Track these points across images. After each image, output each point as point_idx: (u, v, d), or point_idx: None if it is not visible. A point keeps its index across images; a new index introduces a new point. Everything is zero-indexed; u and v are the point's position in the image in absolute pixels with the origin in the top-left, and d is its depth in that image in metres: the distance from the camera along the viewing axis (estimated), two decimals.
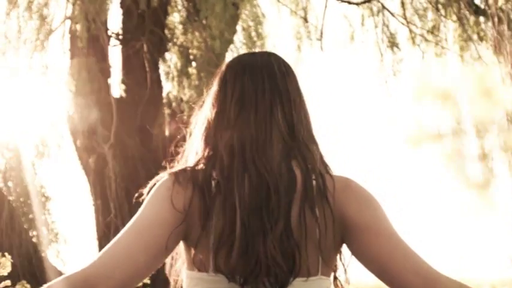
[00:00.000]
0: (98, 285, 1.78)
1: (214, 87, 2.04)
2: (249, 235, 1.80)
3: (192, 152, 2.00)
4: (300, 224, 1.83)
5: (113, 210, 11.00)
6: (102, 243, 11.38)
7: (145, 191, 1.96)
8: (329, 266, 1.93)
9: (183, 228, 1.87)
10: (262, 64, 2.01)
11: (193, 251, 1.88)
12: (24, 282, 6.90)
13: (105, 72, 11.48)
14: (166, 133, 11.93)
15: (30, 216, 12.79)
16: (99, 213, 11.44)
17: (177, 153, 2.09)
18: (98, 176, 11.31)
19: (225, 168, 1.87)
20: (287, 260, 1.81)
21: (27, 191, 12.72)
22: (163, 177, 1.96)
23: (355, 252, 1.94)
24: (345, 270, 1.98)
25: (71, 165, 12.58)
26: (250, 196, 1.83)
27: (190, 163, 1.97)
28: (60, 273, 12.21)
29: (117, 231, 10.80)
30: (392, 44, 12.22)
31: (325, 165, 1.98)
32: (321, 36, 9.44)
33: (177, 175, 1.91)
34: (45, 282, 6.67)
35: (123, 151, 11.19)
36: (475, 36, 11.83)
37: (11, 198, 12.35)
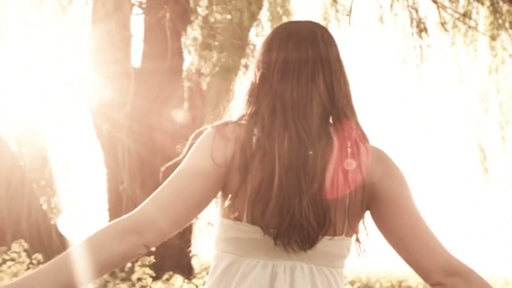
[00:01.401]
0: (145, 230, 1.92)
1: (260, 51, 2.13)
2: (285, 192, 1.91)
3: (236, 111, 2.09)
4: (333, 188, 1.94)
5: (125, 180, 10.91)
6: (112, 213, 11.32)
7: (188, 141, 2.08)
8: (353, 228, 2.05)
9: (223, 179, 1.98)
10: (306, 33, 2.09)
11: (230, 201, 1.98)
12: (22, 240, 6.84)
13: (126, 41, 11.36)
14: (185, 105, 11.83)
15: (43, 183, 12.79)
16: (111, 182, 11.37)
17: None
18: (112, 145, 11.24)
19: (266, 126, 1.97)
20: (318, 219, 1.93)
21: (41, 157, 12.70)
22: (207, 128, 2.06)
23: (377, 221, 2.05)
24: (367, 233, 2.08)
25: (86, 133, 12.57)
26: (289, 155, 1.93)
27: (234, 119, 2.06)
28: (68, 243, 12.23)
29: (128, 202, 10.85)
30: (421, 29, 12.02)
31: (362, 134, 2.07)
32: (350, 12, 9.26)
33: (219, 128, 2.00)
34: (52, 251, 6.55)
35: (139, 121, 11.10)
36: (507, 25, 11.64)
37: (22, 163, 12.31)
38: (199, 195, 1.97)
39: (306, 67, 2.04)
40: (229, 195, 1.99)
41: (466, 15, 11.60)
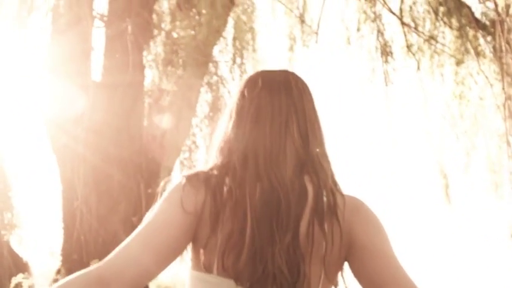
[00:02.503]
0: (111, 283, 1.87)
1: (233, 99, 2.13)
2: (258, 242, 1.89)
3: (209, 159, 2.08)
4: (308, 238, 1.92)
5: (80, 197, 10.72)
6: (67, 231, 11.09)
7: (159, 189, 2.09)
8: (331, 280, 2.00)
9: (193, 229, 1.96)
10: (280, 80, 2.10)
11: (200, 252, 1.96)
12: None
13: (86, 54, 11.18)
14: (145, 123, 11.67)
15: None
16: (66, 199, 11.15)
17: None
18: (68, 160, 11.04)
19: (237, 176, 1.95)
20: (292, 270, 1.89)
21: None
22: (171, 180, 1.93)
23: (355, 271, 2.01)
24: (345, 286, 2.04)
25: (43, 147, 12.33)
26: (261, 205, 1.91)
27: (205, 168, 2.05)
28: (21, 260, 11.97)
29: (82, 219, 10.61)
30: (387, 52, 12.00)
31: (335, 184, 2.05)
32: (317, 29, 9.21)
33: (189, 178, 2.00)
34: (3, 268, 6.29)
35: (97, 137, 10.91)
36: (473, 51, 11.67)
37: None
38: (168, 246, 1.94)
39: (279, 115, 2.03)
40: (199, 246, 1.97)
41: (432, 38, 11.60)
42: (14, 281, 6.16)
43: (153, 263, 1.94)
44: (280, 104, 2.05)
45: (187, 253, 2.04)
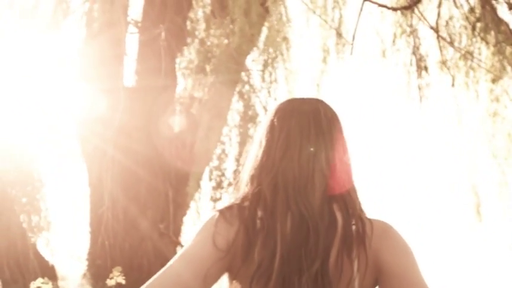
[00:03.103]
0: None
1: (263, 126, 2.19)
2: (286, 271, 1.96)
3: (240, 186, 2.16)
4: (337, 267, 1.97)
5: (107, 202, 10.73)
6: (93, 236, 11.11)
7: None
8: None
9: (226, 263, 2.04)
10: (309, 109, 2.14)
11: (234, 282, 2.05)
12: None
13: (119, 58, 11.22)
14: (175, 130, 11.66)
15: (23, 200, 12.55)
16: (94, 204, 11.18)
17: None
18: (96, 165, 11.07)
19: (268, 206, 2.02)
20: None
21: (24, 173, 12.48)
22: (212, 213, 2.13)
23: None
24: None
25: (73, 151, 12.36)
26: (291, 234, 1.98)
27: (237, 199, 2.13)
28: (47, 263, 11.98)
29: (108, 225, 10.63)
30: (421, 67, 11.90)
31: (362, 211, 2.12)
32: (353, 40, 9.14)
33: (223, 212, 2.08)
34: (28, 271, 6.31)
35: (126, 142, 10.93)
36: (509, 68, 11.54)
37: (4, 178, 12.09)
38: (199, 281, 2.00)
39: (307, 144, 2.08)
40: (232, 276, 2.06)
41: (469, 53, 11.49)
42: (33, 286, 6.15)
43: None
44: (309, 133, 2.10)
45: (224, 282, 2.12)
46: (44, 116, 12.49)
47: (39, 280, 6.10)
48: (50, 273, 11.39)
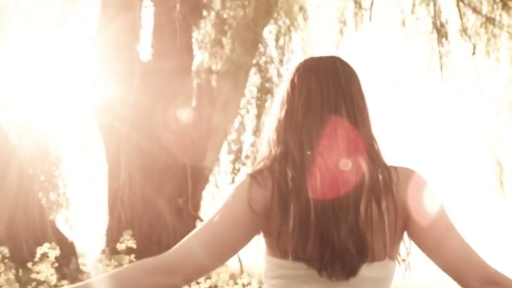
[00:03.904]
0: (176, 271, 2.05)
1: (283, 88, 2.23)
2: (323, 225, 2.03)
3: (266, 149, 2.19)
4: (367, 215, 2.05)
5: (124, 178, 10.67)
6: (112, 212, 11.07)
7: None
8: (394, 251, 2.14)
9: (262, 224, 2.11)
10: (327, 67, 2.19)
11: (274, 240, 2.09)
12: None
13: (135, 34, 11.10)
14: (193, 104, 11.56)
15: (42, 177, 12.54)
16: (112, 180, 11.14)
17: None
18: (114, 141, 11.00)
19: (297, 165, 2.08)
20: (357, 247, 2.03)
21: (41, 150, 12.46)
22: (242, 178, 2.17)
23: (414, 239, 2.14)
24: (408, 253, 2.16)
25: (90, 128, 12.34)
26: (322, 189, 2.03)
27: (265, 161, 2.17)
28: (66, 239, 11.98)
29: (124, 200, 10.58)
30: (442, 35, 11.70)
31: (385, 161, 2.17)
32: (371, 7, 8.96)
33: (255, 177, 2.12)
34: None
35: (142, 117, 10.85)
36: None
37: (22, 156, 12.06)
38: (234, 241, 2.11)
39: (328, 101, 2.14)
40: (273, 236, 2.10)
41: (490, 19, 11.26)
42: (40, 251, 6.04)
43: (216, 256, 2.10)
44: (328, 90, 2.15)
45: (262, 240, 2.18)
46: (60, 94, 12.46)
47: (46, 245, 6.00)
48: (69, 250, 11.37)
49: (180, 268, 2.07)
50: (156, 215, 11.00)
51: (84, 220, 12.92)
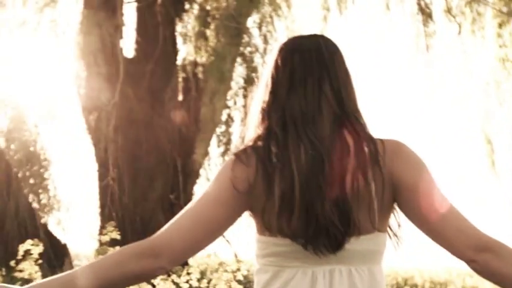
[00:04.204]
0: (162, 253, 2.06)
1: (268, 67, 2.22)
2: (307, 199, 2.01)
3: (251, 129, 2.19)
4: (353, 188, 2.01)
5: (113, 176, 10.57)
6: (103, 211, 10.96)
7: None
8: (384, 224, 2.11)
9: (246, 205, 2.11)
10: (311, 45, 2.18)
11: (260, 217, 2.08)
12: None
13: (117, 29, 10.98)
14: (180, 98, 11.46)
15: (31, 181, 12.43)
16: (102, 178, 11.03)
17: None
18: (101, 139, 10.90)
19: (280, 141, 2.07)
20: (342, 221, 2.00)
21: (30, 153, 12.35)
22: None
23: (403, 210, 2.10)
24: (399, 225, 2.12)
25: (78, 128, 12.23)
26: (307, 164, 2.02)
27: (250, 141, 2.16)
28: (59, 242, 11.86)
29: (114, 198, 10.48)
30: (427, 15, 11.62)
31: (371, 134, 2.14)
32: None
33: (238, 156, 2.11)
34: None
35: (129, 112, 10.74)
36: None
37: (9, 159, 11.95)
38: (218, 222, 2.10)
39: (311, 77, 2.13)
40: (259, 213, 2.09)
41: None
42: (22, 248, 5.91)
43: (201, 237, 2.09)
44: (312, 67, 2.14)
45: (251, 220, 2.17)
46: (46, 95, 12.35)
47: (29, 242, 5.87)
48: (62, 251, 11.27)
49: (167, 250, 2.07)
50: (148, 212, 10.92)
51: (77, 221, 12.82)
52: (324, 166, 2.03)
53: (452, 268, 16.94)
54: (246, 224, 2.18)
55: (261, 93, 2.22)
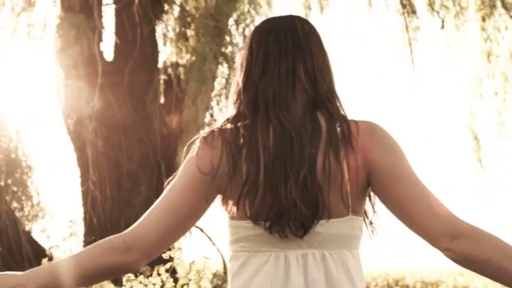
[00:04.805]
0: (134, 246, 2.05)
1: (243, 51, 2.22)
2: (272, 181, 1.98)
3: (226, 114, 2.18)
4: (324, 170, 1.99)
5: (95, 180, 10.44)
6: (87, 217, 10.84)
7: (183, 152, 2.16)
8: (360, 206, 2.07)
9: (215, 186, 2.07)
10: (286, 25, 2.17)
11: (227, 202, 2.07)
12: None
13: (95, 32, 10.84)
14: (162, 100, 11.33)
15: (14, 188, 12.26)
16: (84, 184, 10.91)
17: None
18: (83, 144, 10.76)
19: (249, 123, 2.06)
20: (309, 204, 1.97)
21: (11, 160, 12.18)
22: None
23: (378, 194, 2.07)
24: (374, 211, 2.11)
25: (58, 132, 12.10)
26: (274, 146, 2.01)
27: (219, 123, 2.15)
28: (42, 249, 11.68)
29: (96, 202, 10.34)
30: (409, 11, 11.53)
31: (345, 115, 2.12)
32: None
33: (205, 138, 2.10)
34: (22, 257, 5.96)
35: (109, 116, 10.61)
36: (498, 3, 11.17)
37: None
38: (188, 208, 2.08)
39: (286, 59, 2.11)
40: (226, 197, 2.08)
41: None
42: None
43: (173, 226, 2.07)
44: (286, 48, 2.12)
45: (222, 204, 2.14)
46: (26, 101, 12.21)
47: None
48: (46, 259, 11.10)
49: (139, 242, 2.06)
50: (132, 217, 10.77)
51: (61, 228, 12.64)
52: (293, 147, 2.01)
53: (443, 268, 16.90)
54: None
55: (236, 76, 2.20)
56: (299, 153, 2.00)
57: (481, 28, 11.46)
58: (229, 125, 2.11)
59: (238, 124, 2.08)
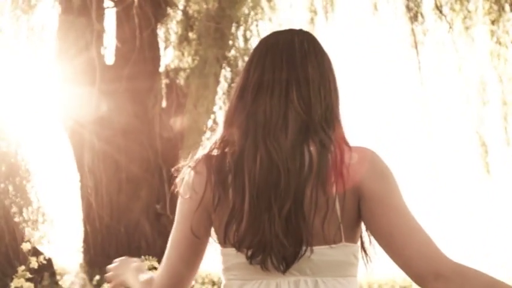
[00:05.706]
0: None
1: (242, 72, 2.17)
2: (256, 212, 1.95)
3: (217, 132, 2.13)
4: (311, 202, 1.95)
5: (90, 182, 10.36)
6: (87, 224, 10.75)
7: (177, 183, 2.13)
8: (353, 234, 2.02)
9: (207, 214, 2.05)
10: (283, 45, 2.09)
11: (218, 229, 2.05)
12: None
13: (94, 35, 10.75)
14: (163, 104, 11.23)
15: (13, 193, 12.21)
16: (84, 189, 10.85)
17: None
18: (80, 146, 10.68)
19: (236, 150, 2.00)
20: (292, 238, 1.94)
21: (10, 164, 12.14)
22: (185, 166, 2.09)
23: (366, 222, 2.02)
24: (370, 239, 2.05)
25: (58, 138, 12.04)
26: (260, 176, 1.96)
27: (207, 148, 2.10)
28: (41, 255, 11.59)
29: (96, 208, 10.21)
30: (416, 14, 11.41)
31: (344, 140, 2.05)
32: None
33: (194, 168, 2.06)
34: (19, 262, 5.83)
35: (111, 124, 10.53)
36: (507, 7, 11.06)
37: None
38: (190, 245, 2.07)
39: (279, 83, 2.05)
40: (215, 225, 2.06)
41: None
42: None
43: (183, 267, 2.10)
44: (281, 71, 2.06)
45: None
46: (27, 106, 12.16)
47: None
48: (45, 266, 11.01)
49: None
50: (133, 223, 10.74)
51: (62, 234, 12.63)
52: (279, 180, 1.96)
53: None
54: None
55: (231, 97, 2.15)
56: (285, 186, 1.96)
57: (490, 32, 11.33)
58: (215, 151, 2.06)
59: (226, 150, 2.04)
